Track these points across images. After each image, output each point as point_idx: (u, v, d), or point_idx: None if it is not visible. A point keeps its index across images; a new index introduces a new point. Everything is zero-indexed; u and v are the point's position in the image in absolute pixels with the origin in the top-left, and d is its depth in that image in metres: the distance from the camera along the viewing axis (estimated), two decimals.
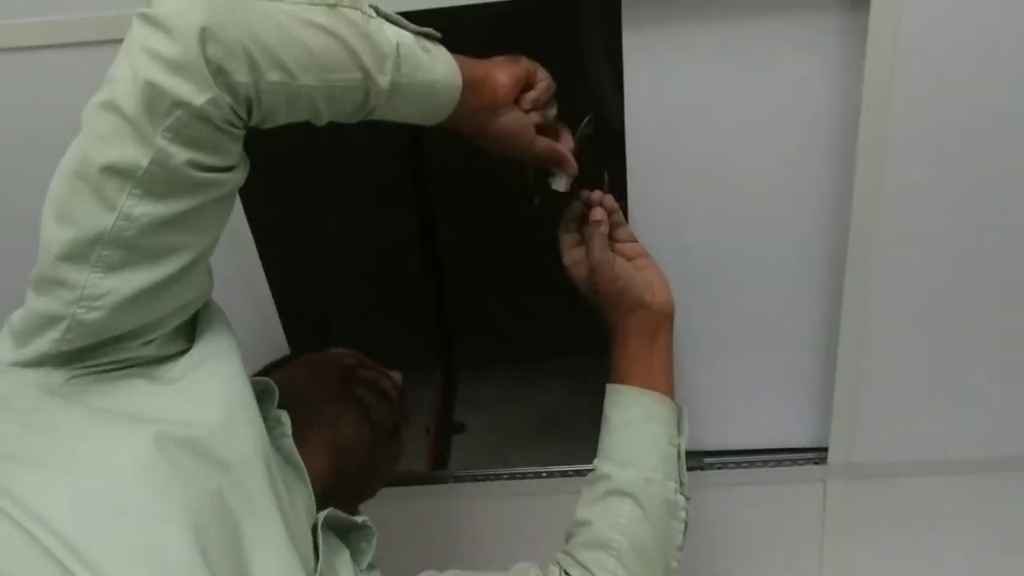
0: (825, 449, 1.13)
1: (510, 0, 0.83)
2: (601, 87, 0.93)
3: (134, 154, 0.62)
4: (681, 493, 0.87)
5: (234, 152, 0.67)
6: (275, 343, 1.09)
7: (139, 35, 0.62)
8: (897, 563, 1.24)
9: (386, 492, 0.99)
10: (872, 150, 0.90)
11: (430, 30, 0.75)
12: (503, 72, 0.81)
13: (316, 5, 0.67)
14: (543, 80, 0.84)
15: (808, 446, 1.15)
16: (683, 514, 0.87)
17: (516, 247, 1.48)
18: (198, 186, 0.65)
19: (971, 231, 0.96)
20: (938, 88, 0.87)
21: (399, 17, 0.73)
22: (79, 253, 0.64)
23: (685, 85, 0.91)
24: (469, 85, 0.77)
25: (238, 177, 0.68)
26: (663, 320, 0.91)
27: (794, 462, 1.15)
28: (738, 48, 0.88)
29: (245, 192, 0.72)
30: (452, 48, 0.77)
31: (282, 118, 0.68)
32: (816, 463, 1.14)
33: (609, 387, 0.91)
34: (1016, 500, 1.17)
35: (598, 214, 0.92)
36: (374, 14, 0.71)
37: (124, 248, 0.64)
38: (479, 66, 0.79)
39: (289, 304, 1.09)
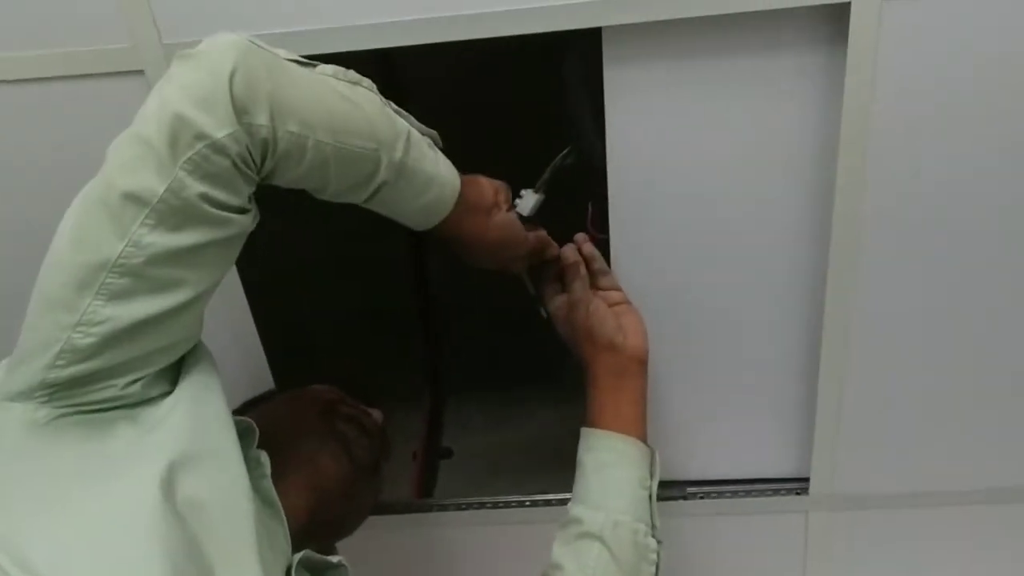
0: (807, 480, 1.13)
1: (492, 37, 0.84)
2: (582, 123, 0.94)
3: (152, 182, 0.64)
4: (652, 536, 0.88)
5: (246, 194, 0.69)
6: (258, 372, 1.09)
7: (175, 71, 0.67)
8: None
9: (371, 521, 0.99)
10: (852, 183, 0.91)
11: (434, 132, 0.81)
12: (483, 177, 0.86)
13: (340, 80, 0.73)
14: (500, 182, 0.89)
15: (790, 476, 1.15)
16: (654, 556, 0.87)
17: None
18: (208, 222, 0.66)
19: (952, 261, 0.97)
20: (915, 123, 0.88)
21: (408, 114, 0.78)
22: (86, 278, 0.65)
23: (665, 121, 0.92)
24: (466, 184, 0.82)
25: (247, 222, 0.70)
26: (632, 364, 0.92)
27: (776, 492, 1.15)
28: (717, 85, 0.89)
29: None
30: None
31: (292, 172, 0.71)
32: (798, 493, 1.15)
33: (583, 430, 0.92)
34: (1000, 531, 1.17)
35: (571, 256, 0.95)
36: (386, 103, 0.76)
37: (129, 276, 0.65)
38: (465, 175, 0.84)
39: (274, 328, 1.09)
